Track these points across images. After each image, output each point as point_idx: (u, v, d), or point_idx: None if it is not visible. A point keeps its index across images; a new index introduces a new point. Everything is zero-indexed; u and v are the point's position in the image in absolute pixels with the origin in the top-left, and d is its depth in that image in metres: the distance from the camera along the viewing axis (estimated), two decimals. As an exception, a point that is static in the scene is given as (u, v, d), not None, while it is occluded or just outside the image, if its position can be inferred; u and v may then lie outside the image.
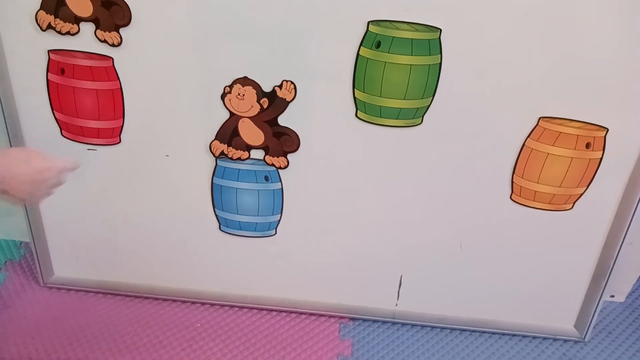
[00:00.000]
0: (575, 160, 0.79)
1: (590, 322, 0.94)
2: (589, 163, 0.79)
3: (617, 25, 0.69)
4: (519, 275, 0.92)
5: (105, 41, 0.76)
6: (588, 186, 0.82)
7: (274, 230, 0.91)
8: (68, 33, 0.76)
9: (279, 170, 0.85)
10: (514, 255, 0.90)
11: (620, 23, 0.69)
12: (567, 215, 0.84)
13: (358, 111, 0.78)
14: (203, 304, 1.00)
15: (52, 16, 0.75)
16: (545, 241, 0.88)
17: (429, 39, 0.72)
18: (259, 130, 0.81)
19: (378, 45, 0.72)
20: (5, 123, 0.83)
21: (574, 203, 0.84)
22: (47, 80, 0.80)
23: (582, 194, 0.83)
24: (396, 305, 0.97)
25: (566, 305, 0.95)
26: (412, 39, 0.71)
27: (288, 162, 0.84)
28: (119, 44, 0.76)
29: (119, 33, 0.75)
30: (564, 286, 0.92)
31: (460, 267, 0.91)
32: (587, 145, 0.77)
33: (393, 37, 0.71)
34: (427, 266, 0.92)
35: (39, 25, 0.76)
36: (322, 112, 0.79)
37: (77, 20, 0.75)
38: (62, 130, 0.85)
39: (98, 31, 0.75)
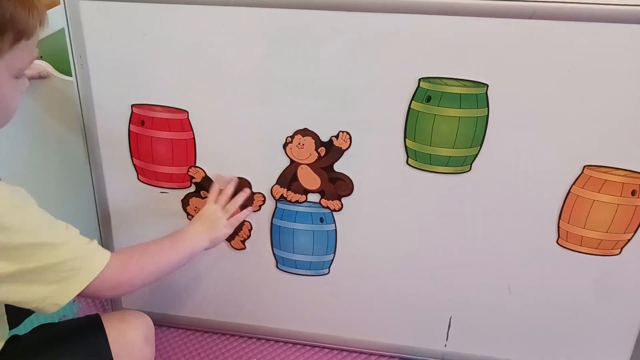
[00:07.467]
0: (622, 207, 0.81)
1: (643, 368, 0.93)
2: (635, 210, 0.81)
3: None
4: (568, 318, 0.93)
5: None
6: (635, 232, 0.84)
7: (327, 269, 0.96)
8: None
9: (333, 213, 0.91)
10: (562, 298, 0.91)
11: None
12: (615, 260, 0.86)
13: (409, 159, 0.84)
14: (259, 339, 1.05)
15: (137, 75, 0.85)
16: (594, 285, 0.89)
17: (476, 94, 0.77)
18: (316, 176, 0.88)
19: (428, 99, 0.78)
20: (90, 168, 0.93)
21: (622, 248, 0.85)
22: (129, 130, 0.90)
23: (629, 240, 0.84)
24: (445, 346, 0.99)
25: (617, 349, 0.94)
26: (460, 93, 0.77)
27: (342, 205, 0.90)
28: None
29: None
30: (614, 330, 0.93)
31: (509, 309, 0.93)
32: (633, 193, 0.80)
33: (442, 92, 0.78)
34: (476, 308, 0.95)
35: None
36: (374, 160, 0.85)
37: (158, 78, 0.84)
38: (139, 175, 0.94)
39: (176, 88, 0.85)
